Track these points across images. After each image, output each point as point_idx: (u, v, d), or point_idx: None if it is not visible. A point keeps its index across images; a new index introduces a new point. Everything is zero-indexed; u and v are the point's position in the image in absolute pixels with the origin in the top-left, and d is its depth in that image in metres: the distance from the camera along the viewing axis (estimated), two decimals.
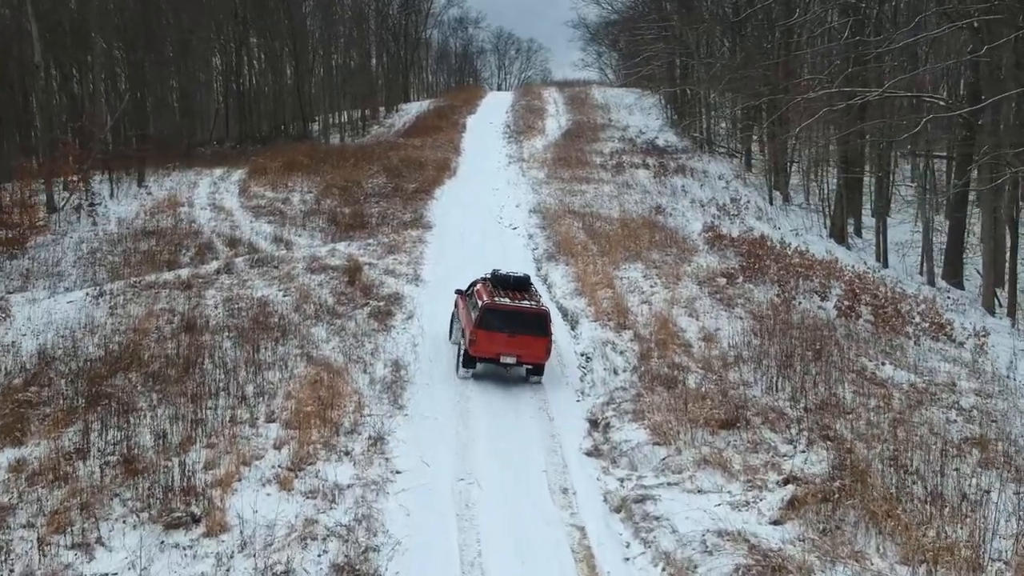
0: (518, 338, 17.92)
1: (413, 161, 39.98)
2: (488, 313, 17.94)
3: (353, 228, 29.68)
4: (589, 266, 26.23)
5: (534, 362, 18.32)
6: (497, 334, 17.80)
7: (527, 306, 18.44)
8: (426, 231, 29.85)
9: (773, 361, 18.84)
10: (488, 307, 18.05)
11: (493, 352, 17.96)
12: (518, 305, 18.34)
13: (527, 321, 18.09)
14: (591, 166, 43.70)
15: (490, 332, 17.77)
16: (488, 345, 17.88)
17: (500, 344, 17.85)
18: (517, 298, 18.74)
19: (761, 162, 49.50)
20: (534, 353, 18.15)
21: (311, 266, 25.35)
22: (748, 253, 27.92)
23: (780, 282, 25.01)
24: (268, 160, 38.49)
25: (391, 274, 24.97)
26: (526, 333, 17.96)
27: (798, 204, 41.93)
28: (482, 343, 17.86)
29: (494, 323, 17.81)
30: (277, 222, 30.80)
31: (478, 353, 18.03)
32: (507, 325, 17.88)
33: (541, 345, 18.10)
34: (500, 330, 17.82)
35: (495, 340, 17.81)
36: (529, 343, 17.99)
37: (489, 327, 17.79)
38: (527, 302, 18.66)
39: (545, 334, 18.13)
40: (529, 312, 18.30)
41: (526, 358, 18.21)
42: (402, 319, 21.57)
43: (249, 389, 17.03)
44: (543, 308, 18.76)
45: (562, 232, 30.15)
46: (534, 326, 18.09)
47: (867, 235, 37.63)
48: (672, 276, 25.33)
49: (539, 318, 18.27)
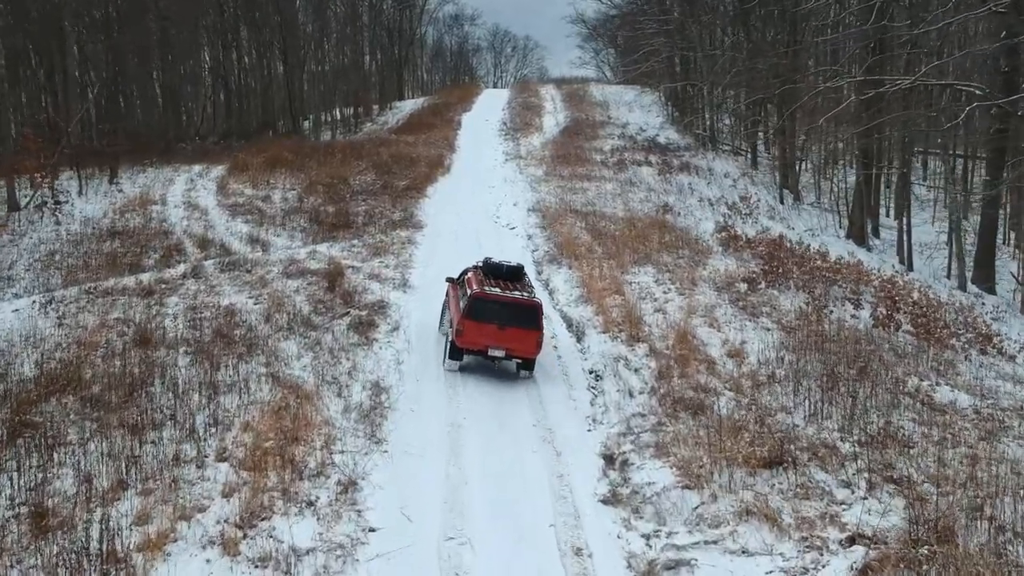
0: (508, 330, 16.56)
1: (404, 157, 36.98)
2: (477, 303, 16.62)
3: (337, 228, 26.71)
4: (595, 270, 23.31)
5: (524, 356, 16.89)
6: (486, 325, 16.50)
7: (518, 297, 16.98)
8: (416, 231, 26.89)
9: (813, 381, 15.95)
10: (477, 296, 16.69)
11: (481, 344, 16.62)
12: (509, 295, 16.92)
13: (518, 313, 16.72)
14: (591, 163, 40.75)
15: (478, 323, 16.49)
16: (476, 336, 16.53)
17: (489, 336, 16.52)
18: (509, 288, 17.29)
19: (769, 159, 46.75)
20: (524, 347, 16.75)
21: (288, 270, 22.37)
22: (768, 255, 25.01)
23: (807, 288, 22.12)
24: (251, 156, 35.45)
25: (376, 279, 22.00)
26: (517, 325, 16.58)
27: (810, 203, 39.09)
28: (469, 334, 16.50)
29: (483, 313, 16.53)
30: (255, 221, 27.80)
31: (465, 344, 16.65)
32: (497, 316, 16.58)
33: (532, 339, 16.69)
34: (489, 321, 16.52)
35: (484, 331, 16.49)
36: (519, 336, 16.62)
37: (478, 317, 16.50)
38: (519, 293, 17.15)
39: (537, 327, 16.73)
40: (520, 303, 16.84)
41: (516, 352, 16.79)
42: (386, 331, 18.60)
43: (201, 418, 14.05)
44: (535, 300, 17.20)
45: (564, 232, 27.21)
46: (525, 318, 16.70)
47: (884, 235, 34.79)
48: (687, 281, 22.41)
49: (531, 310, 16.84)
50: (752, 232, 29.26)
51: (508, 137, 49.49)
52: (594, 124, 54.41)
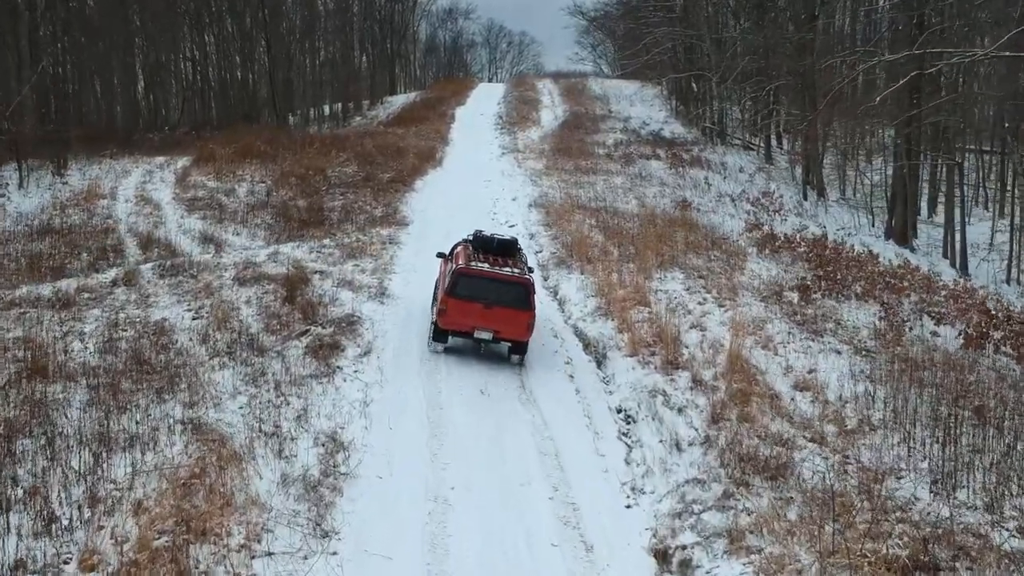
0: (496, 310, 14.43)
1: (391, 148, 32.31)
2: (461, 279, 14.52)
3: (308, 225, 22.07)
4: (612, 274, 18.76)
5: (514, 339, 14.70)
6: (471, 304, 14.37)
7: (507, 273, 14.78)
8: (401, 229, 22.26)
9: (922, 428, 11.44)
10: (462, 272, 14.58)
11: (466, 325, 14.52)
12: (497, 272, 14.74)
13: (507, 291, 14.56)
14: (595, 156, 36.20)
15: (463, 301, 14.37)
16: (460, 316, 14.43)
17: (474, 316, 14.42)
18: (499, 264, 15.03)
19: (784, 153, 42.35)
20: (514, 329, 14.56)
21: (242, 275, 17.75)
22: (814, 258, 20.50)
23: (873, 298, 17.61)
24: (220, 146, 30.75)
25: (348, 287, 17.39)
26: (505, 305, 14.44)
27: (834, 200, 34.61)
28: (453, 314, 14.42)
29: (468, 291, 14.42)
30: (213, 218, 23.12)
31: (449, 325, 14.58)
32: (483, 294, 14.42)
33: (522, 320, 14.51)
34: (475, 300, 14.38)
35: (469, 311, 14.37)
36: (508, 317, 14.45)
37: (462, 295, 14.39)
38: (509, 269, 14.92)
39: (527, 307, 14.57)
40: (509, 280, 14.67)
41: (504, 334, 14.65)
42: (354, 356, 14.00)
43: (76, 493, 9.45)
44: (526, 277, 15.00)
45: (572, 231, 22.63)
46: (515, 297, 14.52)
47: (923, 234, 30.31)
48: (726, 289, 17.87)
49: (520, 288, 14.66)
50: (783, 231, 24.77)
51: (504, 131, 45.02)
52: (595, 118, 49.95)
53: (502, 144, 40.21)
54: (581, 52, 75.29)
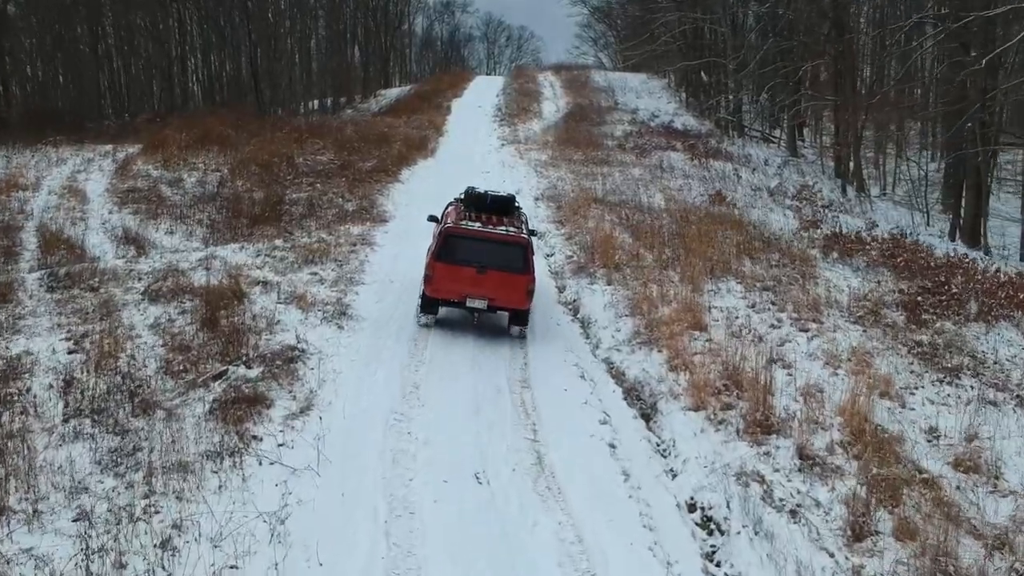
0: (490, 275, 12.07)
1: (375, 135, 27.23)
2: (450, 240, 12.18)
3: (261, 222, 16.99)
4: (649, 285, 13.77)
5: (512, 308, 12.32)
6: (462, 268, 12.01)
7: (501, 233, 12.39)
8: (377, 227, 17.21)
9: None
10: (450, 232, 12.26)
11: (457, 292, 12.13)
12: (490, 231, 12.36)
13: (502, 253, 12.19)
14: (606, 147, 31.29)
15: (452, 266, 12.02)
16: (450, 283, 12.05)
17: (466, 282, 12.06)
18: (494, 224, 12.58)
19: (813, 145, 37.53)
20: (510, 296, 12.18)
21: (156, 288, 12.73)
22: (901, 265, 15.51)
23: (1006, 318, 12.63)
24: (178, 131, 25.68)
25: (297, 303, 12.37)
26: (500, 268, 12.09)
27: (876, 195, 29.70)
28: (441, 280, 12.04)
29: (458, 254, 12.08)
30: (146, 212, 18.01)
31: (437, 293, 12.18)
32: (475, 257, 12.08)
33: (520, 285, 12.13)
34: (466, 263, 12.03)
35: (459, 277, 12.01)
36: (504, 282, 12.09)
37: (451, 259, 12.05)
38: (504, 229, 12.48)
39: (524, 270, 12.22)
40: (503, 240, 12.30)
41: (500, 302, 12.27)
42: (283, 417, 8.95)
43: None
44: (522, 235, 12.63)
45: (590, 229, 17.63)
46: (510, 259, 12.18)
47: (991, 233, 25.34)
48: (803, 306, 12.89)
49: (517, 248, 12.31)
50: (840, 229, 19.79)
51: (504, 123, 40.08)
52: (600, 110, 45.02)
53: (501, 136, 35.32)
54: (582, 46, 70.25)
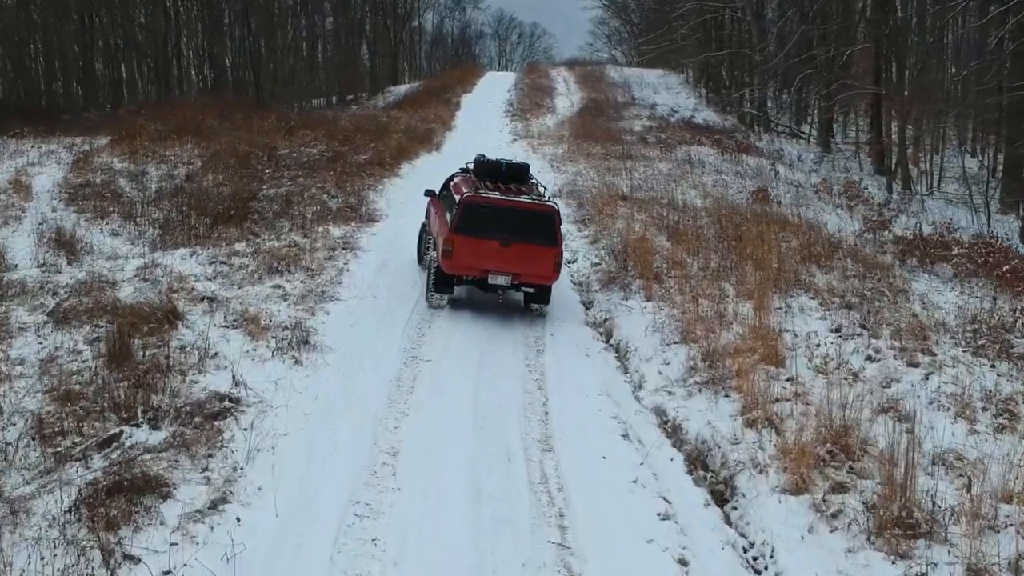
0: (515, 247, 10.50)
1: (373, 126, 24.16)
2: (470, 210, 10.48)
3: (225, 221, 13.88)
4: (701, 301, 10.63)
5: (538, 283, 10.80)
6: (484, 241, 10.43)
7: (526, 201, 10.73)
8: (365, 228, 14.07)
9: None
10: (470, 202, 10.53)
11: (478, 267, 10.56)
12: (515, 200, 10.69)
13: (529, 222, 10.56)
14: (626, 142, 28.20)
15: (473, 239, 10.39)
16: (470, 257, 10.41)
17: (489, 257, 10.47)
18: (514, 192, 10.92)
19: (847, 140, 34.35)
20: (537, 270, 10.65)
21: (67, 307, 9.65)
22: (1011, 276, 12.30)
23: None
24: (154, 121, 22.70)
25: (247, 326, 9.27)
26: (526, 240, 10.50)
27: (924, 194, 26.45)
28: (462, 254, 10.38)
29: (479, 225, 10.43)
30: (94, 211, 14.93)
31: (456, 269, 10.56)
32: (498, 228, 10.48)
33: (548, 257, 10.57)
34: (488, 236, 10.43)
35: (481, 250, 10.42)
36: (532, 254, 10.52)
37: (472, 231, 10.42)
38: (527, 197, 10.85)
39: (553, 242, 10.66)
40: (530, 209, 10.64)
41: (526, 277, 10.69)
42: (181, 517, 5.82)
43: None
44: (549, 204, 10.98)
45: (619, 230, 14.47)
46: (538, 230, 10.55)
47: None
48: (906, 332, 9.70)
49: (545, 217, 10.66)
50: (902, 231, 16.55)
51: (516, 118, 37.06)
52: (617, 105, 41.95)
53: (513, 131, 32.34)
54: (596, 42, 67.11)
